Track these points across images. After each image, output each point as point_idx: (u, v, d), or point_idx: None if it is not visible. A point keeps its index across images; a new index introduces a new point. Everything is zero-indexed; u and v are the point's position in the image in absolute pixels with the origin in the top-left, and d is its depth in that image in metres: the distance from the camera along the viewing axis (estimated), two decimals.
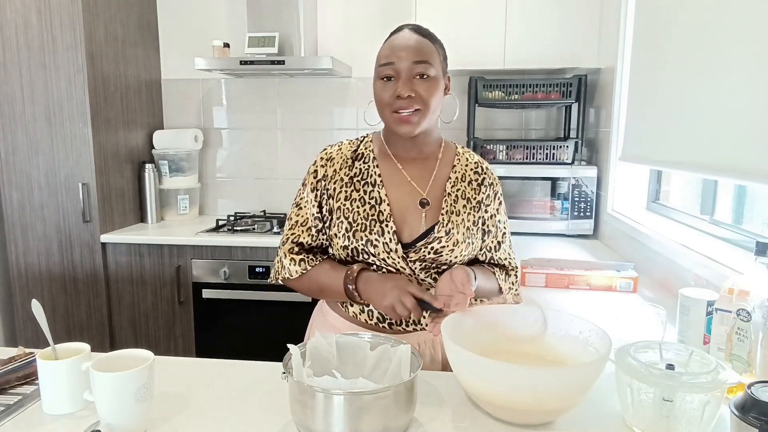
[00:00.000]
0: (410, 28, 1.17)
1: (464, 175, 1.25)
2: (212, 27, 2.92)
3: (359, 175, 1.22)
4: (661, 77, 1.81)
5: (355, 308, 1.22)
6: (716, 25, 1.44)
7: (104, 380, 0.83)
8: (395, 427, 0.84)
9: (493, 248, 1.28)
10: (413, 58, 1.12)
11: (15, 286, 2.57)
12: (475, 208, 1.23)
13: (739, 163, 1.31)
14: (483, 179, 1.25)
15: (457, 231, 1.19)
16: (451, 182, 1.23)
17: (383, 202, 1.19)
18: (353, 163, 1.24)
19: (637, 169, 2.22)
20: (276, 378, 1.04)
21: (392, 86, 1.13)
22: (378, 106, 1.17)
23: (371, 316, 1.21)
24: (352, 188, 1.21)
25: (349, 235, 1.18)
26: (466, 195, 1.23)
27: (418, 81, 1.13)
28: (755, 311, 0.99)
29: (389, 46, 1.15)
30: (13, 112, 2.43)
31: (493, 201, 1.26)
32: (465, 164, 1.26)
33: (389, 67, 1.13)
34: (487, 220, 1.25)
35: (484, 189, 1.25)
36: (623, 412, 0.91)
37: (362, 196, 1.20)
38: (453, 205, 1.21)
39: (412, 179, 1.22)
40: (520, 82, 2.51)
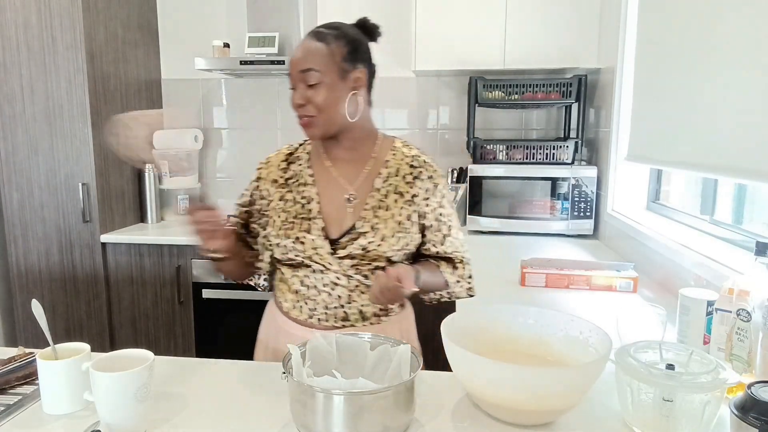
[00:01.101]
0: (310, 33, 1.19)
1: (398, 170, 1.25)
2: (212, 27, 2.92)
3: (294, 177, 1.27)
4: (661, 76, 1.81)
5: (288, 304, 1.26)
6: (717, 24, 1.44)
7: (104, 380, 0.83)
8: (395, 427, 0.84)
9: (438, 242, 1.28)
10: (299, 68, 1.15)
11: (15, 286, 2.57)
12: (409, 203, 1.23)
13: (741, 162, 1.31)
14: (420, 173, 1.25)
15: (384, 226, 1.19)
16: (381, 178, 1.24)
17: (313, 200, 1.23)
18: (288, 166, 1.29)
19: (637, 169, 2.22)
20: (276, 378, 1.04)
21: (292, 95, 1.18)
22: None
23: (301, 311, 1.23)
24: (286, 189, 1.26)
25: (280, 234, 1.22)
26: (398, 189, 1.23)
27: (307, 88, 1.16)
28: (755, 311, 0.99)
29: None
30: (13, 112, 2.43)
31: (433, 195, 1.26)
32: (400, 159, 1.26)
33: (289, 78, 1.18)
34: (428, 214, 1.25)
35: (419, 183, 1.24)
36: (623, 412, 0.91)
37: (294, 196, 1.24)
38: (382, 200, 1.22)
39: (340, 176, 1.24)
40: (520, 82, 2.51)
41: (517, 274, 1.80)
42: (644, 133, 1.96)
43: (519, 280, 1.77)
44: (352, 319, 1.22)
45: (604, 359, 0.86)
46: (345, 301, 1.21)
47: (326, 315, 1.22)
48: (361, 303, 1.22)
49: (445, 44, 2.49)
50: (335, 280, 1.20)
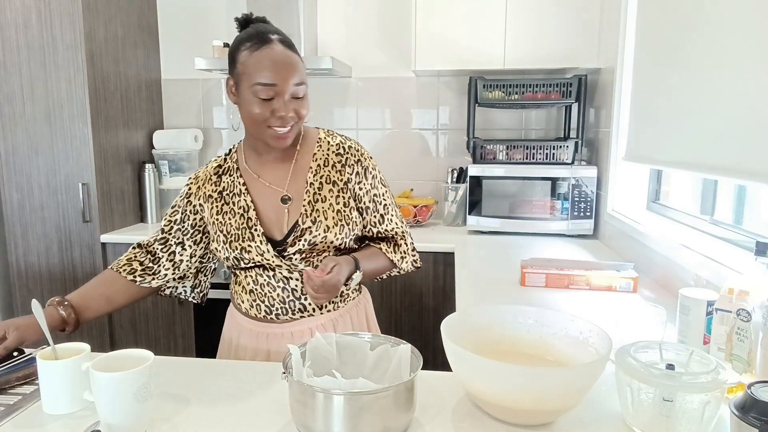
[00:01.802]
0: (280, 40, 1.16)
1: (327, 160, 1.27)
2: (212, 27, 2.92)
3: (227, 189, 1.27)
4: (661, 77, 1.81)
5: (245, 305, 1.28)
6: (717, 24, 1.45)
7: (104, 380, 0.83)
8: (395, 427, 0.84)
9: (377, 222, 1.31)
10: (294, 80, 1.14)
11: (15, 286, 2.57)
12: (343, 190, 1.26)
13: (741, 162, 1.31)
14: (347, 159, 1.27)
15: (325, 217, 1.22)
16: (312, 171, 1.26)
17: (250, 208, 1.24)
18: (220, 178, 1.29)
19: (637, 169, 2.22)
20: (276, 378, 1.04)
21: (269, 105, 1.14)
22: (251, 121, 1.17)
23: (259, 310, 1.27)
24: (222, 202, 1.27)
25: (226, 247, 1.23)
26: (331, 179, 1.25)
27: (295, 100, 1.16)
28: (755, 311, 0.99)
29: (266, 63, 1.13)
30: (13, 112, 2.43)
31: (364, 177, 1.28)
32: (327, 149, 1.28)
33: (269, 89, 1.13)
34: (363, 197, 1.28)
35: (348, 169, 1.26)
36: (623, 412, 0.91)
37: (232, 207, 1.25)
38: (317, 193, 1.24)
39: (271, 182, 1.26)
40: (520, 82, 2.51)
41: (517, 274, 1.80)
42: (643, 133, 1.96)
43: (519, 280, 1.77)
44: (309, 310, 1.26)
45: (604, 359, 0.86)
46: (300, 294, 1.25)
47: (284, 309, 1.25)
48: None
49: (445, 44, 2.49)
50: (287, 275, 1.23)
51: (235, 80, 1.18)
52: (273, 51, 1.14)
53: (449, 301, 2.37)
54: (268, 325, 1.26)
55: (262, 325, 1.27)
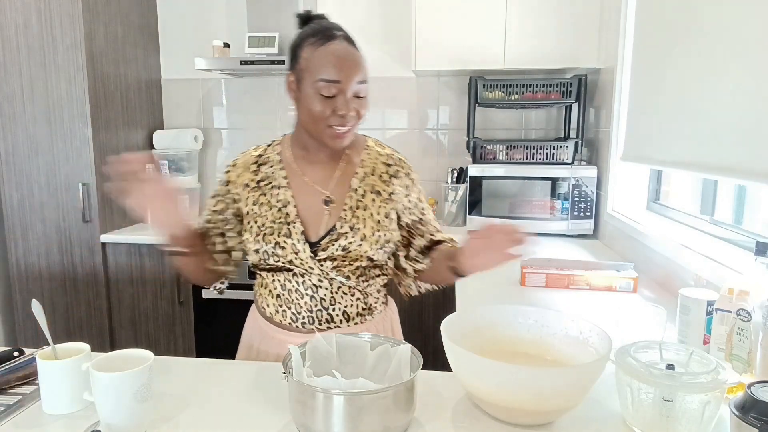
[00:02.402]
0: (344, 37, 1.13)
1: (374, 169, 1.25)
2: (212, 27, 2.92)
3: (266, 180, 1.23)
4: (661, 77, 1.81)
5: (270, 309, 1.24)
6: (717, 24, 1.45)
7: (104, 380, 0.83)
8: (395, 427, 0.84)
9: (435, 230, 1.31)
10: (358, 78, 1.11)
11: (15, 286, 2.57)
12: (386, 201, 1.23)
13: (740, 162, 1.31)
14: (396, 171, 1.26)
15: (363, 225, 1.19)
16: (358, 178, 1.23)
17: (289, 203, 1.20)
18: (258, 168, 1.25)
19: (637, 169, 2.22)
20: (276, 378, 1.04)
21: (331, 103, 1.11)
22: (309, 117, 1.14)
23: (285, 316, 1.22)
24: (259, 193, 1.22)
25: (258, 239, 1.18)
26: (375, 188, 1.23)
27: (356, 99, 1.13)
28: (755, 311, 0.99)
29: (331, 59, 1.10)
30: (13, 112, 2.43)
31: (412, 189, 1.27)
32: (375, 158, 1.26)
33: (333, 85, 1.10)
34: (411, 208, 1.27)
35: (397, 181, 1.25)
36: (623, 412, 0.91)
37: (269, 200, 1.21)
38: (360, 200, 1.21)
39: (314, 179, 1.22)
40: (520, 82, 2.50)
41: (517, 274, 1.80)
42: (643, 133, 1.96)
43: (519, 280, 1.77)
44: (337, 321, 1.21)
45: (604, 359, 0.86)
46: (328, 303, 1.20)
47: (310, 318, 1.20)
48: (344, 304, 1.21)
49: (445, 44, 2.49)
50: (317, 282, 1.19)
51: (297, 76, 1.15)
52: (338, 47, 1.11)
53: (449, 301, 2.37)
54: (292, 333, 1.21)
55: (286, 333, 1.22)
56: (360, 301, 1.23)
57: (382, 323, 1.29)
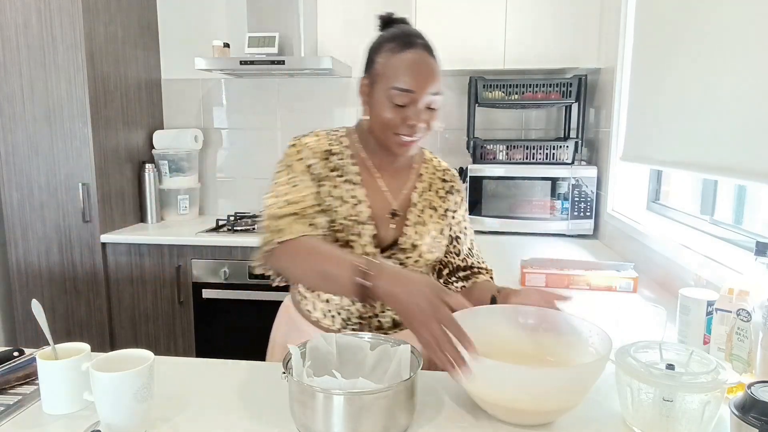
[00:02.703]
0: (423, 45, 1.09)
1: (431, 185, 1.23)
2: (212, 27, 2.92)
3: (337, 171, 1.16)
4: (661, 77, 1.81)
5: (317, 313, 1.21)
6: (717, 24, 1.44)
7: (104, 380, 0.83)
8: (395, 427, 0.84)
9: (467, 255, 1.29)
10: (433, 89, 1.08)
11: (15, 286, 2.57)
12: (442, 217, 1.22)
13: (740, 162, 1.31)
14: (451, 187, 1.24)
15: (422, 242, 1.18)
16: (418, 192, 1.21)
17: (362, 203, 1.15)
18: (328, 158, 1.17)
19: (637, 169, 2.22)
20: (276, 378, 1.04)
21: (403, 112, 1.08)
22: (379, 123, 1.11)
23: (333, 321, 1.19)
24: (331, 184, 1.15)
25: (327, 235, 1.13)
26: (433, 204, 1.21)
27: (428, 111, 1.10)
28: (755, 311, 0.99)
29: (407, 68, 1.06)
30: (13, 112, 2.43)
31: (459, 207, 1.27)
32: (432, 173, 1.24)
33: (406, 95, 1.06)
34: (454, 226, 1.25)
35: (451, 197, 1.24)
36: (623, 412, 0.91)
37: (342, 194, 1.15)
38: (419, 215, 1.19)
39: (386, 188, 1.19)
40: (520, 82, 2.51)
41: (517, 274, 1.80)
42: (642, 133, 1.96)
43: (519, 280, 1.77)
44: (385, 327, 1.20)
45: (604, 359, 0.86)
46: (379, 310, 1.19)
47: (360, 325, 1.19)
48: (393, 312, 1.17)
49: (445, 44, 2.47)
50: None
51: (371, 80, 1.11)
52: (415, 56, 1.07)
53: None
54: None
55: None
56: None
57: None
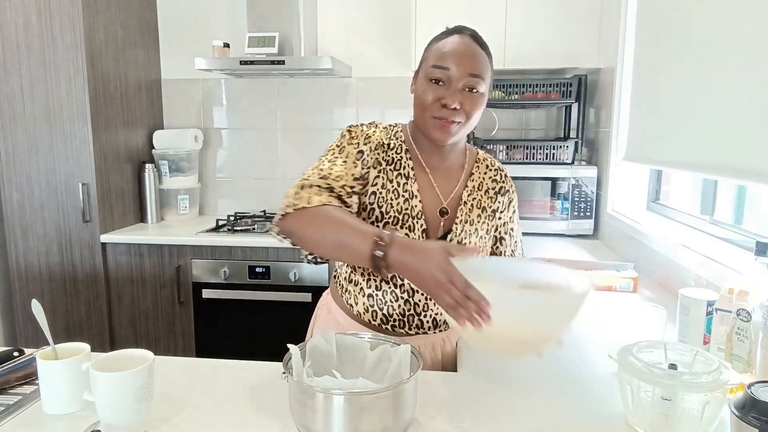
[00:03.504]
0: (470, 34, 1.11)
1: (481, 184, 1.23)
2: (212, 27, 2.92)
3: (392, 164, 1.18)
4: (662, 77, 1.81)
5: (359, 307, 1.21)
6: (717, 24, 1.44)
7: (104, 380, 0.83)
8: (395, 427, 0.84)
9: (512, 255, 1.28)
10: (470, 70, 1.08)
11: (15, 286, 2.57)
12: (490, 217, 1.22)
13: (741, 163, 1.31)
14: (501, 188, 1.24)
15: (468, 241, 1.18)
16: (468, 191, 1.22)
17: (415, 197, 1.16)
18: (386, 150, 1.18)
19: (637, 169, 2.22)
20: (276, 378, 1.04)
21: (439, 91, 1.08)
22: (418, 106, 1.12)
23: (375, 317, 1.20)
24: (387, 177, 1.16)
25: (378, 225, 1.14)
26: (482, 204, 1.22)
27: (467, 94, 1.09)
28: (755, 311, 0.99)
29: (447, 48, 1.09)
30: (13, 112, 2.43)
31: (507, 209, 1.26)
32: (484, 172, 1.24)
33: (442, 71, 1.08)
34: (500, 227, 1.25)
35: (501, 198, 1.24)
36: (625, 410, 0.91)
37: (396, 187, 1.16)
38: (468, 214, 1.20)
39: (438, 185, 1.20)
40: (520, 82, 2.51)
41: None
42: (643, 133, 1.96)
43: None
44: (425, 327, 1.20)
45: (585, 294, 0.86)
46: (422, 309, 1.19)
47: (401, 322, 1.19)
48: (435, 311, 1.19)
49: None
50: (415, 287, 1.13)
51: (417, 71, 1.15)
52: (459, 39, 1.09)
53: None
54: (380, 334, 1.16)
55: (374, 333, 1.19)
56: None
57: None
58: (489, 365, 1.15)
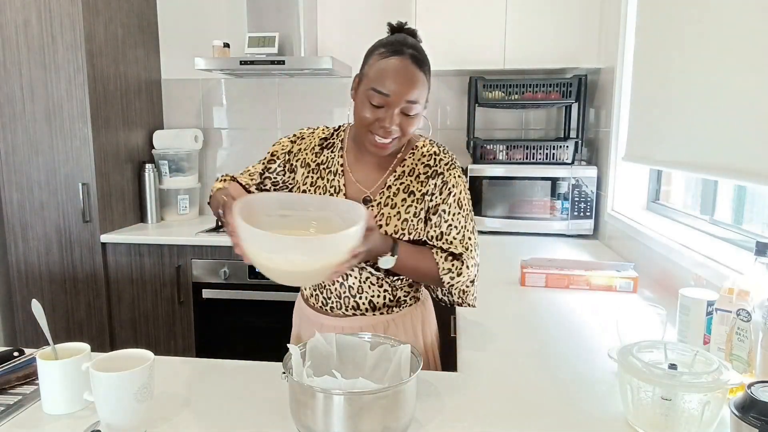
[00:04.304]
0: (410, 54, 1.13)
1: (413, 170, 1.25)
2: (212, 27, 2.92)
3: (325, 164, 1.28)
4: (661, 77, 1.81)
5: (307, 291, 1.33)
6: (717, 24, 1.44)
7: (104, 380, 0.83)
8: (395, 427, 0.84)
9: (435, 237, 1.24)
10: (407, 97, 1.12)
11: (15, 286, 2.57)
12: (418, 201, 1.23)
13: (740, 163, 1.31)
14: (434, 171, 1.23)
15: (387, 224, 1.21)
16: (395, 176, 1.24)
17: (339, 192, 1.25)
18: (321, 151, 1.30)
19: (637, 169, 2.22)
20: (276, 378, 1.04)
21: (378, 113, 1.14)
22: (357, 120, 1.18)
23: (317, 300, 1.30)
24: (318, 176, 1.28)
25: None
26: (409, 189, 1.23)
27: (404, 116, 1.15)
28: (755, 311, 0.99)
29: (387, 72, 1.12)
30: (13, 112, 2.43)
31: (441, 191, 1.22)
32: (418, 158, 1.26)
33: (381, 97, 1.12)
34: (431, 209, 1.23)
35: (431, 181, 1.23)
36: (625, 410, 0.91)
37: (325, 184, 1.26)
38: (391, 198, 1.23)
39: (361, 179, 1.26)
40: (520, 82, 2.51)
41: (517, 274, 1.80)
42: (642, 133, 1.96)
43: (519, 280, 1.77)
44: (362, 309, 1.27)
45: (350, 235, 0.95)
46: (356, 292, 1.26)
47: (338, 304, 1.27)
48: (371, 294, 1.26)
49: (445, 44, 2.48)
50: (347, 270, 1.20)
51: (359, 79, 1.19)
52: (398, 63, 1.12)
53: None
54: (323, 316, 1.29)
55: (318, 316, 1.30)
56: (387, 293, 1.27)
57: (411, 318, 1.31)
58: (489, 365, 1.15)
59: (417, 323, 1.32)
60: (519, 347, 1.25)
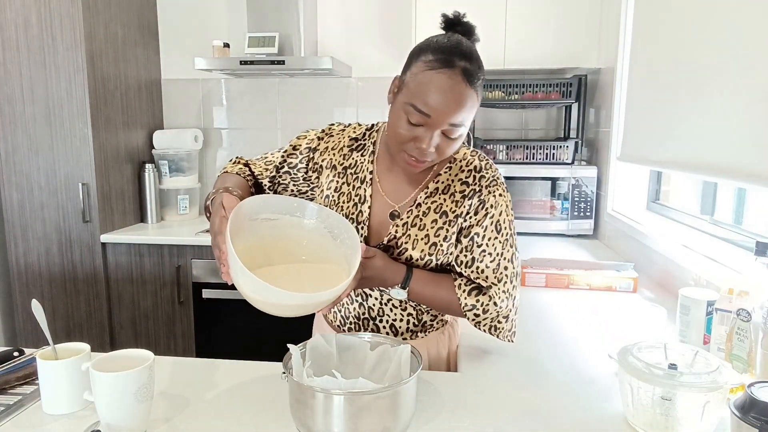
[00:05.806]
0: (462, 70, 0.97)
1: (448, 187, 1.11)
2: (212, 27, 2.92)
3: (353, 168, 1.16)
4: (660, 77, 1.81)
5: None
6: (716, 25, 1.44)
7: (104, 380, 0.83)
8: (395, 427, 0.84)
9: (465, 264, 1.10)
10: (451, 120, 0.97)
11: (15, 286, 2.57)
12: (451, 222, 1.09)
13: (738, 164, 1.31)
14: (472, 191, 1.09)
15: (412, 247, 1.09)
16: (427, 192, 1.11)
17: (365, 202, 1.13)
18: (351, 153, 1.17)
19: (637, 169, 2.22)
20: (276, 378, 1.04)
21: (416, 131, 0.99)
22: (391, 132, 1.04)
23: (335, 318, 1.23)
24: (344, 180, 1.16)
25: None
26: (442, 209, 1.10)
27: (444, 138, 1.00)
28: (755, 311, 0.99)
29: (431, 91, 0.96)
30: (13, 112, 2.43)
31: (477, 211, 1.09)
32: (455, 174, 1.11)
33: (422, 117, 0.97)
34: (463, 229, 1.10)
35: (466, 201, 1.09)
36: (625, 410, 0.91)
37: (350, 190, 1.15)
38: (420, 217, 1.10)
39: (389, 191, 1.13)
40: (520, 82, 2.50)
41: None
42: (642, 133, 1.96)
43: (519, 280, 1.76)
44: (383, 333, 1.17)
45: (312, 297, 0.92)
46: (376, 314, 1.16)
47: (357, 325, 1.18)
48: (392, 317, 1.16)
49: None
50: (368, 291, 1.14)
51: (400, 85, 1.03)
52: (447, 80, 0.96)
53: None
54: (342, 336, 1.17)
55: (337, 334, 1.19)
56: (412, 317, 1.16)
57: (437, 342, 1.20)
58: (489, 365, 1.15)
59: (443, 348, 1.22)
60: (519, 347, 1.25)
